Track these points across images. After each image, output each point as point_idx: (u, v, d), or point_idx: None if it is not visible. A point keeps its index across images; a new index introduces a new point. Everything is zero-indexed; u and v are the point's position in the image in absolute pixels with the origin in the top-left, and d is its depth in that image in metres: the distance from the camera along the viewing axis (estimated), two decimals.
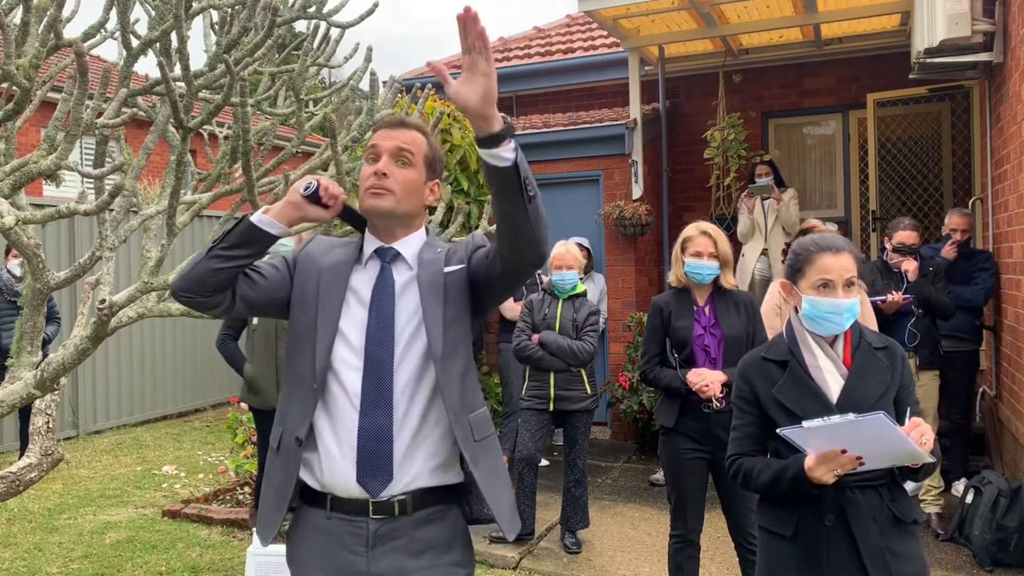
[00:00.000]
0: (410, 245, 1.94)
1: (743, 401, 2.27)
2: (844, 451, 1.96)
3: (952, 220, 5.33)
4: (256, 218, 1.83)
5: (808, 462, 2.02)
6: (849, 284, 2.14)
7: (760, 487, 2.19)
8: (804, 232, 2.40)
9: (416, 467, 1.82)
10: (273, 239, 1.86)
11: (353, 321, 1.88)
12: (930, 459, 1.98)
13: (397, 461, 1.80)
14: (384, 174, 1.86)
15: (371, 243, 1.96)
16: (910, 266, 4.74)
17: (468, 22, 1.51)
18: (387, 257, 1.93)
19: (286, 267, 1.99)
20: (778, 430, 2.05)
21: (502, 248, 1.76)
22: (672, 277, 3.48)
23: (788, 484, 2.09)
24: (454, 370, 1.85)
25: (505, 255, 1.76)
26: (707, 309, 3.39)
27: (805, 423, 1.96)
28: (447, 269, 1.90)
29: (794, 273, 2.23)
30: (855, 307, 2.14)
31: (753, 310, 3.39)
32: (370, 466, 1.79)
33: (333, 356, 1.85)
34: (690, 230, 3.42)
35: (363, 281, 1.91)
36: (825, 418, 1.94)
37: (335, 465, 1.82)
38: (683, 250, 3.41)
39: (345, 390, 1.83)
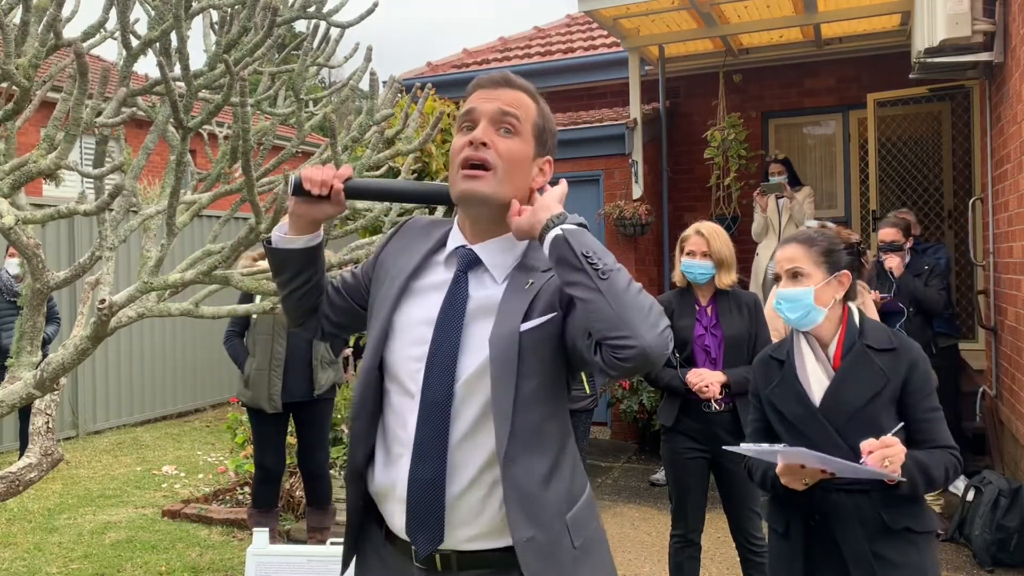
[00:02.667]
0: (498, 252, 1.53)
1: (752, 396, 2.32)
2: (803, 466, 1.98)
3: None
4: (274, 238, 1.61)
5: (778, 468, 2.05)
6: (794, 275, 2.15)
7: (757, 481, 2.24)
8: None
9: (466, 530, 1.49)
10: (306, 253, 1.60)
11: (415, 338, 1.52)
12: (896, 478, 1.91)
13: (448, 518, 1.48)
14: (483, 143, 1.46)
15: (455, 237, 1.58)
16: (892, 262, 4.75)
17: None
18: (463, 263, 1.53)
19: (368, 269, 1.69)
20: (728, 447, 2.12)
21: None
22: (675, 276, 3.49)
23: (770, 484, 2.14)
24: (535, 470, 1.45)
25: (599, 355, 1.38)
26: (709, 309, 3.39)
27: (743, 445, 2.03)
28: (524, 327, 1.45)
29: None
30: (795, 296, 2.13)
31: (757, 311, 3.39)
32: (420, 520, 1.48)
33: (387, 383, 1.56)
34: (689, 229, 3.44)
35: (435, 286, 1.55)
36: (758, 444, 2.05)
37: (388, 500, 1.55)
38: (681, 249, 3.42)
39: (402, 422, 1.52)
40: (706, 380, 3.23)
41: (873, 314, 3.89)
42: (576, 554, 1.47)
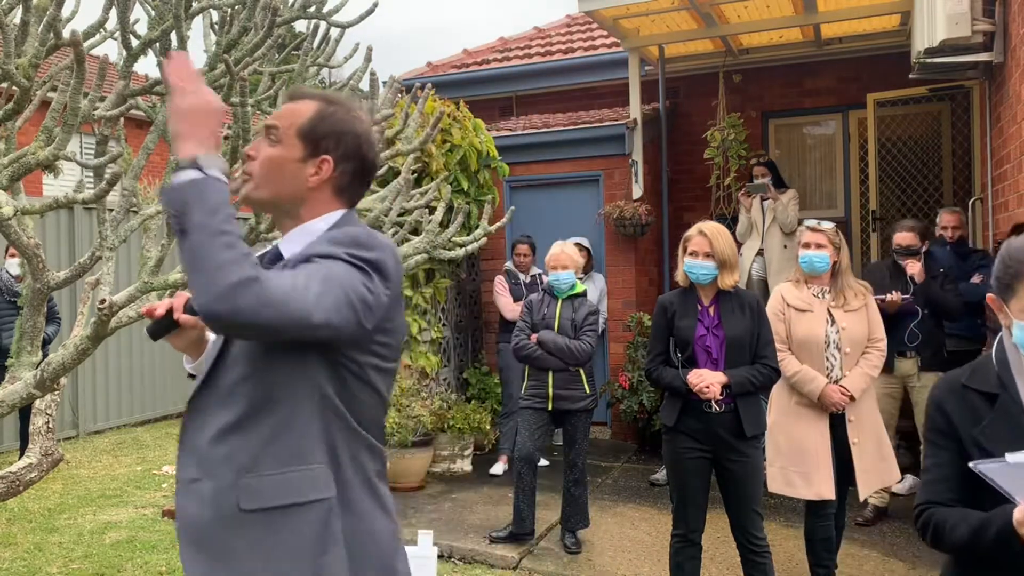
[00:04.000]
0: (289, 244, 1.63)
1: (938, 435, 1.79)
2: None
3: (943, 218, 5.39)
4: (190, 371, 1.73)
5: (1017, 515, 1.53)
6: None
7: (954, 544, 1.70)
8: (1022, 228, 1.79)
9: None
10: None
11: None
12: None
13: None
14: (248, 156, 1.63)
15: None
16: (914, 269, 4.79)
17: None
18: (269, 257, 1.64)
19: None
20: (971, 464, 1.59)
21: None
22: (678, 276, 3.50)
23: (991, 544, 1.61)
24: (212, 421, 1.54)
25: None
26: (711, 309, 3.38)
27: (1009, 456, 1.51)
28: None
29: (1003, 289, 1.72)
30: None
31: (759, 311, 3.39)
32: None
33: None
34: (692, 229, 3.44)
35: None
36: None
37: None
38: (683, 249, 3.42)
39: None
40: (707, 381, 3.23)
41: (878, 317, 3.83)
42: (240, 515, 1.48)
